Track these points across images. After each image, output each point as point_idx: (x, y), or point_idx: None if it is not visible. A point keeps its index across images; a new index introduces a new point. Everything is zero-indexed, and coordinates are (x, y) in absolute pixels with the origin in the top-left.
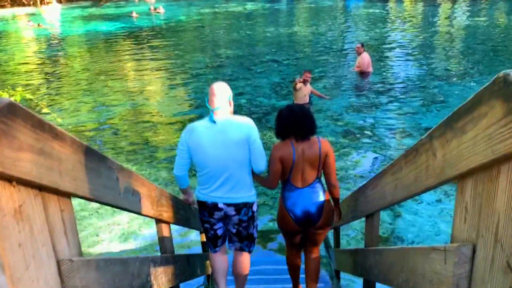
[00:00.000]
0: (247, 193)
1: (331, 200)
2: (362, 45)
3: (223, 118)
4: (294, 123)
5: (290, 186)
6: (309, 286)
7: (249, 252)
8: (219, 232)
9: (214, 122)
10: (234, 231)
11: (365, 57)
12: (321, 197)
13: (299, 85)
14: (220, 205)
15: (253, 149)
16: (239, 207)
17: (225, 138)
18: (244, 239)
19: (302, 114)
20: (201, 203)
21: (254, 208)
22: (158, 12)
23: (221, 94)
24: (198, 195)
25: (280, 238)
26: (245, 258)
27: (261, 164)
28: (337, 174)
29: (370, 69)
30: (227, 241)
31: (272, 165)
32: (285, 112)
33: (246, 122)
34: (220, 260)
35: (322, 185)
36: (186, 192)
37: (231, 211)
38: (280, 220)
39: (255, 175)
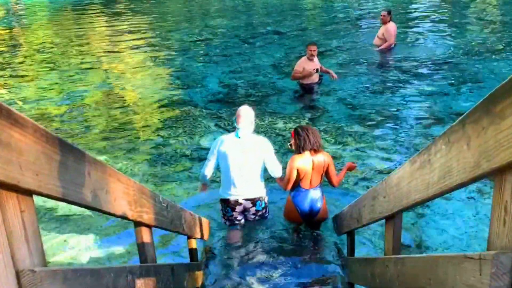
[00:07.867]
0: (260, 189)
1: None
2: (389, 13)
3: (246, 135)
4: (311, 140)
5: (299, 188)
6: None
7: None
8: (241, 221)
9: (239, 137)
10: (252, 219)
11: (391, 28)
12: (321, 197)
13: (314, 73)
14: (240, 201)
15: (269, 161)
16: (254, 201)
17: (246, 150)
18: None
19: (316, 133)
20: (224, 200)
21: (266, 200)
22: None
23: (246, 116)
24: (222, 194)
25: None
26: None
27: (277, 172)
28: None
29: (393, 42)
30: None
31: (289, 173)
32: (302, 132)
33: (263, 140)
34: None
35: (322, 189)
36: (205, 184)
37: (248, 204)
38: (288, 213)
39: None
